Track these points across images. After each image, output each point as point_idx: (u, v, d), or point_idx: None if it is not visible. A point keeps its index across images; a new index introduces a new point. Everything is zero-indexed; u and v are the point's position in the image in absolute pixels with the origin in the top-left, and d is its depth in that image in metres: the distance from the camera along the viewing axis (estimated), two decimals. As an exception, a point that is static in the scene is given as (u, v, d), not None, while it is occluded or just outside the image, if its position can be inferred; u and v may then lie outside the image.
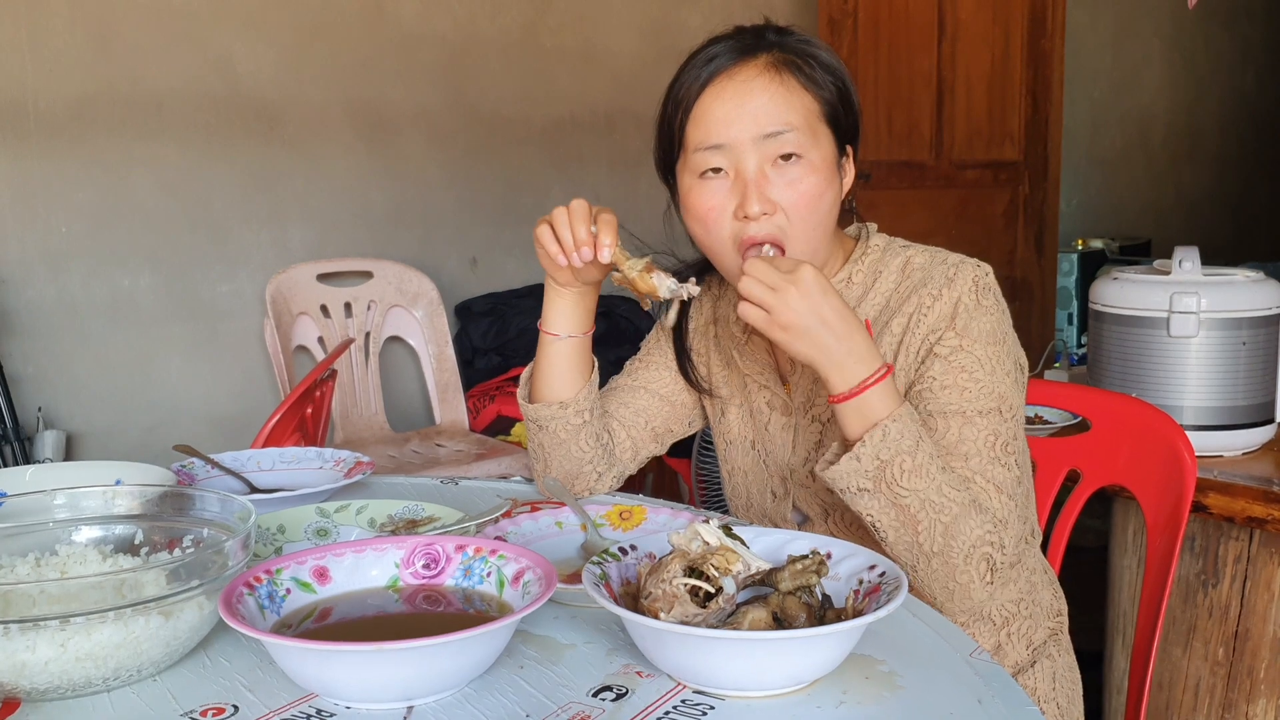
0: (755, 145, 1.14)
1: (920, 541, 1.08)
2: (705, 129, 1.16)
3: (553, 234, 1.16)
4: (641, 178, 3.49)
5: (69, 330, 2.60)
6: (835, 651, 0.82)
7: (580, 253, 1.14)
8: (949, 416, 1.14)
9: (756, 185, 1.14)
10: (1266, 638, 1.70)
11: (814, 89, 1.17)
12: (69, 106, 2.56)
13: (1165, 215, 5.43)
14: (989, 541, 1.09)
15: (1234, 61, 5.67)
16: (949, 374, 1.14)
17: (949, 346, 1.15)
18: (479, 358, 3.10)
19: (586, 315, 1.26)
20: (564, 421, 1.27)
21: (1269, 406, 1.81)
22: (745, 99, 1.15)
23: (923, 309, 1.17)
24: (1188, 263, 1.81)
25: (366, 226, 3.01)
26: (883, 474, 1.07)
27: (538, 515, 1.20)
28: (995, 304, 1.17)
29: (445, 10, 3.09)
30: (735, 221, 1.16)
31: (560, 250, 1.16)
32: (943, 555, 1.08)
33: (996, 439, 1.13)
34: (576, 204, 1.16)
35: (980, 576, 1.09)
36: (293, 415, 1.89)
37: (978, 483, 1.12)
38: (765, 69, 1.15)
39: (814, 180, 1.15)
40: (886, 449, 1.07)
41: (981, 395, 1.13)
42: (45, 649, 0.80)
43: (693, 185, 1.18)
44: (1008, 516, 1.12)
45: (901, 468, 1.07)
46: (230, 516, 0.97)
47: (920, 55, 3.71)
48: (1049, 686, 1.27)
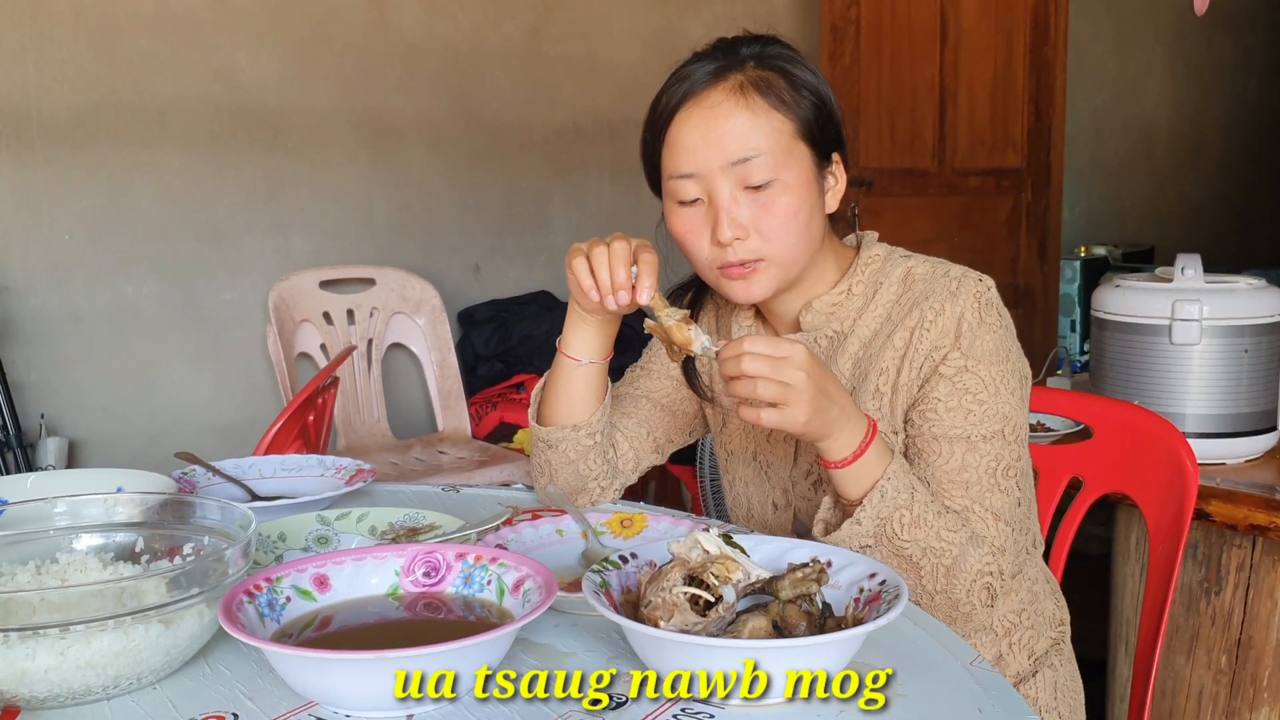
0: (725, 172, 1.14)
1: (924, 584, 1.10)
2: (677, 157, 1.16)
3: (589, 270, 1.14)
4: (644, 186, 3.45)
5: (72, 338, 2.61)
6: (835, 660, 0.82)
7: (617, 297, 1.13)
8: (953, 442, 1.13)
9: (728, 211, 1.14)
10: (1269, 645, 1.70)
11: (784, 109, 1.15)
12: (73, 114, 2.56)
13: (1168, 222, 5.43)
14: (989, 572, 1.10)
15: (1237, 69, 5.68)
16: (953, 396, 1.14)
17: (954, 367, 1.14)
18: (481, 365, 3.10)
19: (608, 342, 1.25)
20: (575, 443, 1.27)
21: (1271, 414, 1.80)
22: (712, 126, 1.14)
23: (925, 324, 1.16)
24: (1190, 270, 1.80)
25: (369, 234, 3.02)
26: (883, 530, 1.08)
27: (538, 523, 1.20)
28: (998, 320, 1.17)
29: (448, 19, 3.10)
30: (712, 247, 1.16)
31: (595, 288, 1.14)
32: (946, 593, 1.10)
33: (998, 464, 1.13)
34: (618, 244, 1.13)
35: (982, 603, 1.11)
36: (295, 422, 1.89)
37: (976, 512, 1.12)
38: (731, 92, 1.14)
39: (787, 200, 1.14)
40: (885, 508, 1.07)
41: (986, 418, 1.13)
42: (45, 657, 0.80)
43: (672, 210, 1.19)
44: (1005, 543, 1.13)
45: (900, 522, 1.08)
46: (231, 524, 0.97)
47: (923, 63, 3.71)
48: (1051, 696, 1.27)
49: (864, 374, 1.20)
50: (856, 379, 1.21)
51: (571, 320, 1.23)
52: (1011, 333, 1.19)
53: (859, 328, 1.22)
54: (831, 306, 1.23)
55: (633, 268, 1.12)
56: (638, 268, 1.12)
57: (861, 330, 1.22)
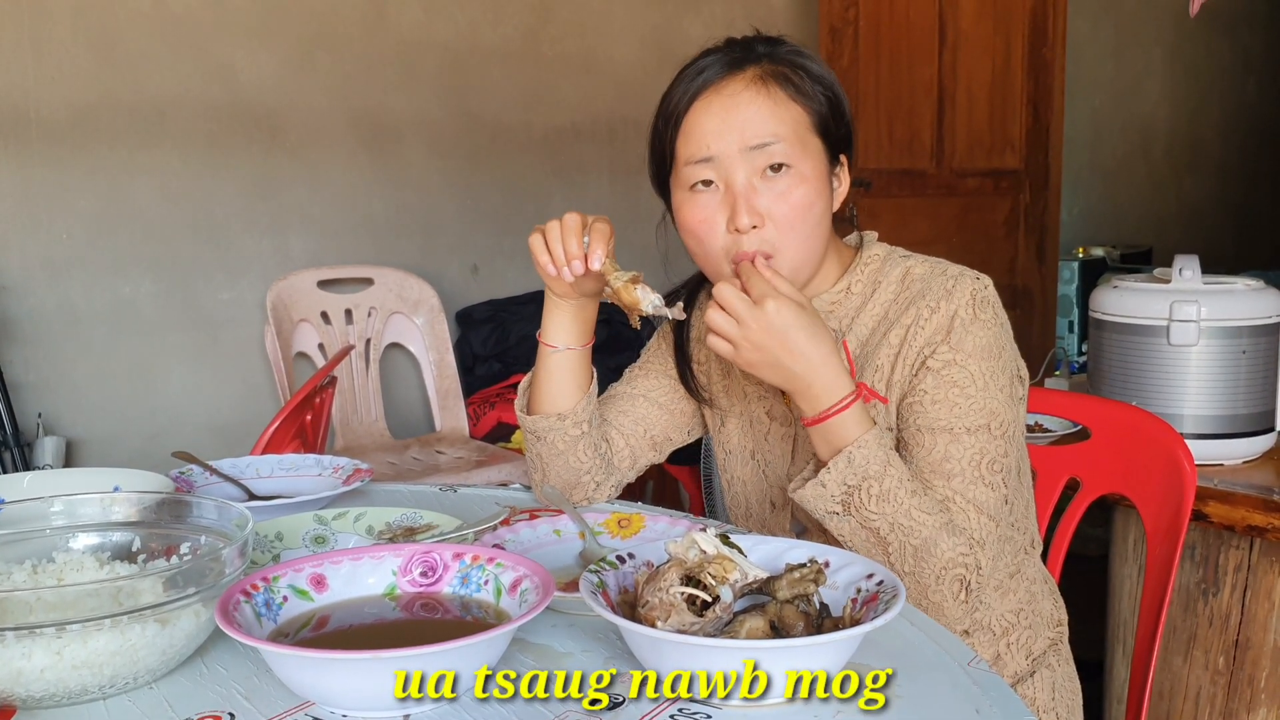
0: (743, 157, 1.14)
1: (891, 562, 1.09)
2: (694, 142, 1.16)
3: (545, 245, 1.16)
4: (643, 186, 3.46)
5: (70, 337, 2.60)
6: (832, 660, 0.82)
7: (571, 266, 1.15)
8: (936, 433, 1.13)
9: (745, 198, 1.14)
10: (1267, 647, 1.70)
11: (802, 100, 1.16)
12: (71, 114, 2.56)
13: (1166, 223, 5.43)
14: (962, 564, 1.09)
15: (1235, 70, 5.68)
16: (940, 388, 1.14)
17: (942, 360, 1.15)
18: (479, 365, 3.10)
19: (585, 327, 1.26)
20: (562, 433, 1.27)
21: (1269, 415, 1.80)
22: (732, 111, 1.15)
23: (920, 321, 1.17)
24: (1188, 271, 1.81)
25: (368, 234, 3.02)
26: (850, 498, 1.08)
27: (536, 523, 1.20)
28: (993, 317, 1.17)
29: (447, 19, 3.10)
30: (727, 234, 1.16)
31: (551, 262, 1.16)
32: (914, 575, 1.09)
33: (983, 458, 1.13)
34: (569, 217, 1.16)
35: (953, 596, 1.10)
36: (292, 422, 1.89)
37: (957, 503, 1.12)
38: (752, 82, 1.15)
39: (803, 191, 1.15)
40: (853, 474, 1.08)
41: (971, 411, 1.13)
42: (41, 656, 0.80)
43: (684, 199, 1.19)
44: (985, 538, 1.12)
45: (869, 492, 1.08)
46: (228, 524, 0.97)
47: (921, 64, 3.72)
48: (1049, 696, 1.27)
49: (860, 371, 1.21)
50: None
51: (547, 307, 1.25)
52: (1007, 331, 1.19)
53: (856, 326, 1.22)
54: (831, 304, 1.24)
55: (585, 239, 1.14)
56: (589, 237, 1.14)
57: (859, 328, 1.22)
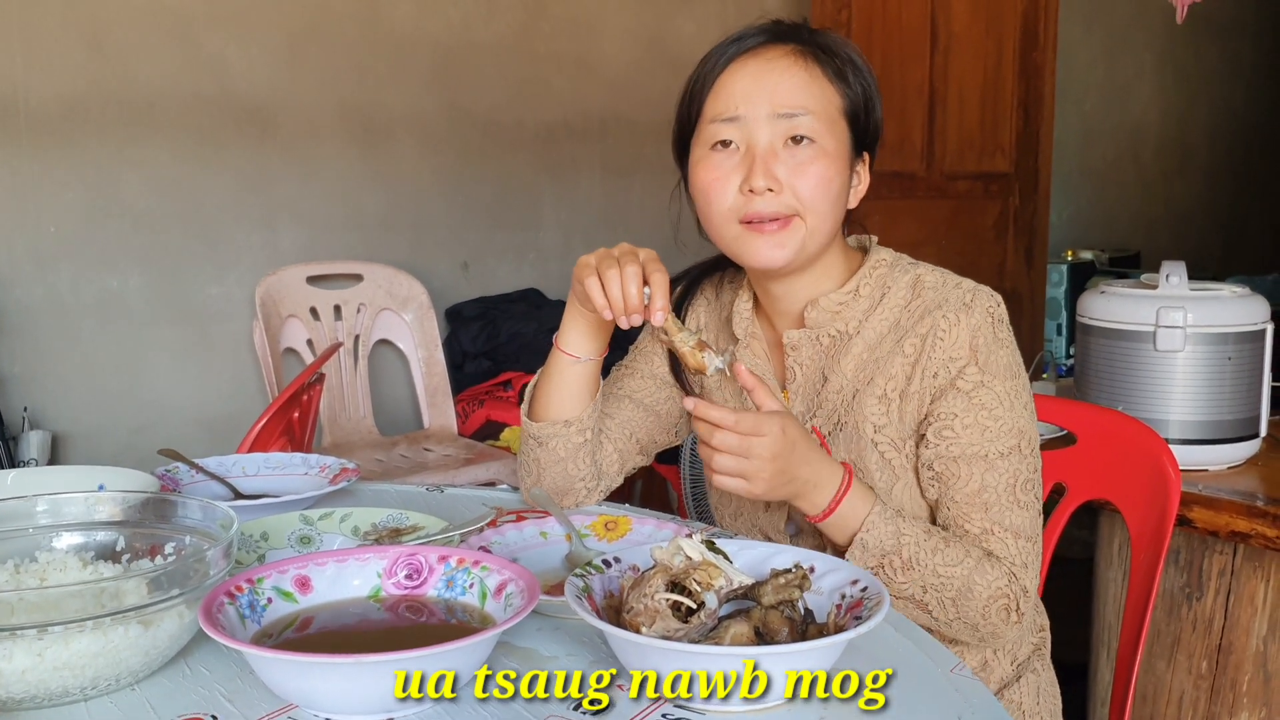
0: (770, 122, 1.14)
1: (934, 615, 1.12)
2: (723, 101, 1.17)
3: (601, 288, 1.13)
4: (634, 185, 3.49)
5: (57, 330, 2.59)
6: (816, 666, 0.82)
7: (631, 319, 1.13)
8: (972, 462, 1.14)
9: (764, 161, 1.14)
10: (1249, 651, 1.71)
11: (839, 83, 1.17)
12: (60, 106, 2.55)
13: (1155, 227, 5.45)
14: (1004, 594, 1.11)
15: (1225, 76, 5.70)
16: (970, 412, 1.15)
17: (971, 382, 1.15)
18: (469, 362, 3.10)
19: (604, 339, 1.25)
20: (566, 440, 1.27)
21: (1254, 421, 1.81)
22: (767, 75, 1.15)
23: (938, 332, 1.16)
24: (1174, 277, 1.81)
25: (358, 229, 3.01)
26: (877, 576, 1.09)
27: (522, 525, 1.20)
28: (1009, 336, 1.19)
29: (439, 14, 3.09)
30: (739, 195, 1.16)
31: (608, 307, 1.14)
32: (960, 619, 1.12)
33: (1016, 480, 1.15)
34: (627, 260, 1.13)
35: (1004, 620, 1.12)
36: (280, 419, 1.88)
37: (996, 534, 1.14)
38: (792, 53, 1.16)
39: (824, 165, 1.15)
40: (870, 557, 1.10)
41: (1002, 434, 1.15)
42: (22, 658, 0.79)
43: (702, 157, 1.19)
44: (1026, 560, 1.14)
45: (892, 566, 1.10)
46: (213, 524, 0.97)
47: (913, 66, 3.72)
48: (1034, 700, 1.27)
49: (869, 378, 1.20)
50: (860, 381, 1.20)
51: (570, 317, 1.23)
52: (1018, 349, 1.21)
53: (865, 330, 1.21)
54: (838, 305, 1.22)
55: (645, 289, 1.13)
56: (650, 289, 1.13)
57: (867, 333, 1.21)
